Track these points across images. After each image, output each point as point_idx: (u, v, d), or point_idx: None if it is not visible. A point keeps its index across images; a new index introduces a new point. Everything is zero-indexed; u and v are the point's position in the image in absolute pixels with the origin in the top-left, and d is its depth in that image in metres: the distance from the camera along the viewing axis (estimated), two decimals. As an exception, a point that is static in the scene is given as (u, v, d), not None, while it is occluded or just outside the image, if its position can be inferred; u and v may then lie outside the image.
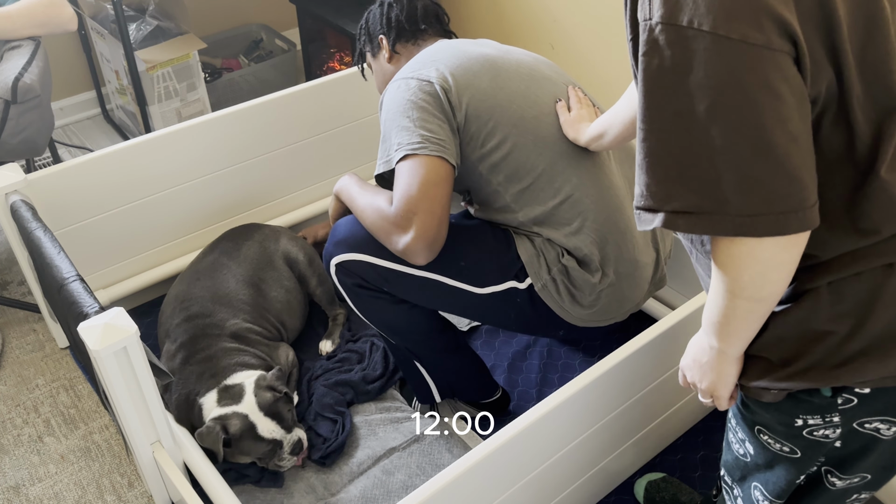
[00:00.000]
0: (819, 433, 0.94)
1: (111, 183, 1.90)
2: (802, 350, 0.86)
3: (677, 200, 0.77)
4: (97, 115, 3.05)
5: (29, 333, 2.10)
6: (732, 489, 1.12)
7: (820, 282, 0.84)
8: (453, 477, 1.18)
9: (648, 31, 0.76)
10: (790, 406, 0.93)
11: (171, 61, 2.59)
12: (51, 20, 1.95)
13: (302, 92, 2.13)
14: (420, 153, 1.32)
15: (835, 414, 0.91)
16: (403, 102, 1.38)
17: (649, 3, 0.76)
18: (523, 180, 1.40)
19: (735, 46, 0.72)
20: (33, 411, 1.89)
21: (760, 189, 0.74)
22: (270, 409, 1.61)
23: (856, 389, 0.88)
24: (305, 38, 3.05)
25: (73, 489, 1.71)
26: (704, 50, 0.72)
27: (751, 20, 0.72)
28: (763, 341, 0.89)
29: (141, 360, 1.31)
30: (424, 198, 1.31)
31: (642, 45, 0.77)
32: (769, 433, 0.98)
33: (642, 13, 0.77)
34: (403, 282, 1.46)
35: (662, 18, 0.74)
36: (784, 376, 0.88)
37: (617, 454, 1.57)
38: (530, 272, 1.41)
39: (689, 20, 0.73)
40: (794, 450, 0.97)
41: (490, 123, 1.38)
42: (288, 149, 2.19)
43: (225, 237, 1.98)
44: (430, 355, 1.65)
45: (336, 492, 1.65)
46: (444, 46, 1.48)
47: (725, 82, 0.72)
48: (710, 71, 0.73)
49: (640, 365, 1.41)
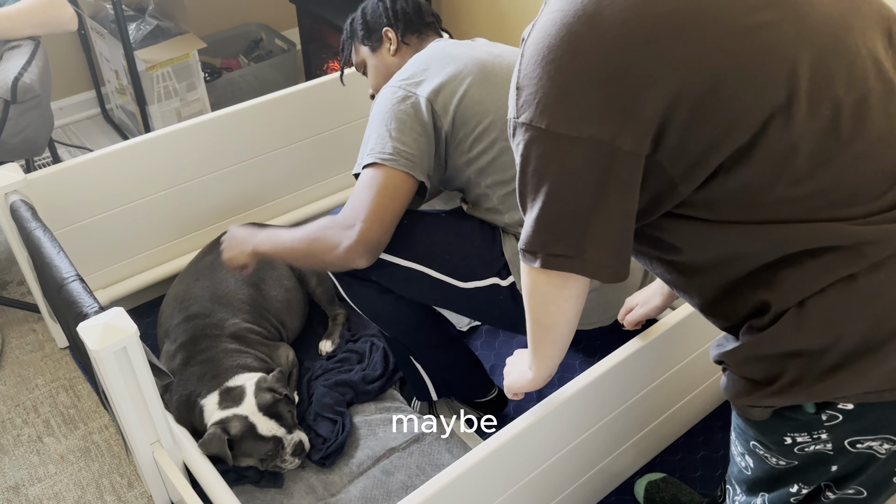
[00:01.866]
0: (811, 449, 0.94)
1: (111, 183, 1.90)
2: (782, 369, 0.89)
3: (552, 248, 0.92)
4: (97, 114, 3.05)
5: (29, 333, 2.10)
6: (736, 496, 1.13)
7: (790, 302, 0.87)
8: (453, 477, 1.18)
9: (514, 127, 0.90)
10: (777, 424, 0.95)
11: (170, 61, 2.59)
12: (51, 20, 1.95)
13: (302, 92, 2.12)
14: (387, 164, 1.37)
15: (822, 431, 0.92)
16: (386, 111, 1.41)
17: (515, 104, 0.89)
18: (510, 184, 1.42)
19: (586, 144, 0.84)
20: (33, 411, 1.89)
21: (607, 246, 0.90)
22: (271, 410, 1.61)
23: (839, 405, 0.89)
24: (305, 38, 3.05)
25: (72, 489, 1.71)
26: (561, 147, 0.86)
27: (600, 122, 0.83)
28: (744, 364, 0.93)
29: (141, 360, 1.31)
30: (377, 207, 1.35)
31: (511, 136, 0.91)
32: (764, 448, 1.00)
33: (512, 111, 0.90)
34: (389, 272, 1.47)
35: (526, 120, 0.87)
36: (768, 394, 0.91)
37: (617, 454, 1.57)
38: (513, 270, 1.43)
39: (547, 124, 0.86)
40: (791, 462, 0.98)
41: (477, 129, 1.40)
42: (288, 149, 2.19)
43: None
44: (423, 350, 1.65)
45: (336, 492, 1.64)
46: (437, 51, 1.48)
47: (579, 172, 0.86)
48: (566, 163, 0.87)
49: (640, 365, 1.41)
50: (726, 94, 0.81)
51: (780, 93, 0.81)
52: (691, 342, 1.49)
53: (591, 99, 0.83)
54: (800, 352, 0.87)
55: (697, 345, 1.52)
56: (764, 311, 0.90)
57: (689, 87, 0.81)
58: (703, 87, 0.81)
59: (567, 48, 0.83)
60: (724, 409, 1.83)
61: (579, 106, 0.84)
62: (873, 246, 0.83)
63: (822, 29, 0.83)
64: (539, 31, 0.87)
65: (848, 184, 0.84)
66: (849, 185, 0.84)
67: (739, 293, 0.92)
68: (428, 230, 1.49)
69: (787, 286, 0.87)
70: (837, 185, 0.84)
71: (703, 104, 0.82)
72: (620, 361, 1.34)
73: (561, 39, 0.84)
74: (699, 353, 1.56)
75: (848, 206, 0.84)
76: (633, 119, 0.83)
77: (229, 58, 3.08)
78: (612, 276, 0.92)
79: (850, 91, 0.83)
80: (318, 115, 2.19)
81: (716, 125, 0.83)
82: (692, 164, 0.86)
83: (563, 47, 0.84)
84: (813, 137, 0.83)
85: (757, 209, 0.86)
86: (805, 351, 0.87)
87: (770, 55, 0.81)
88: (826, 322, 0.85)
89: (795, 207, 0.85)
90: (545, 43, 0.85)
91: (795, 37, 0.82)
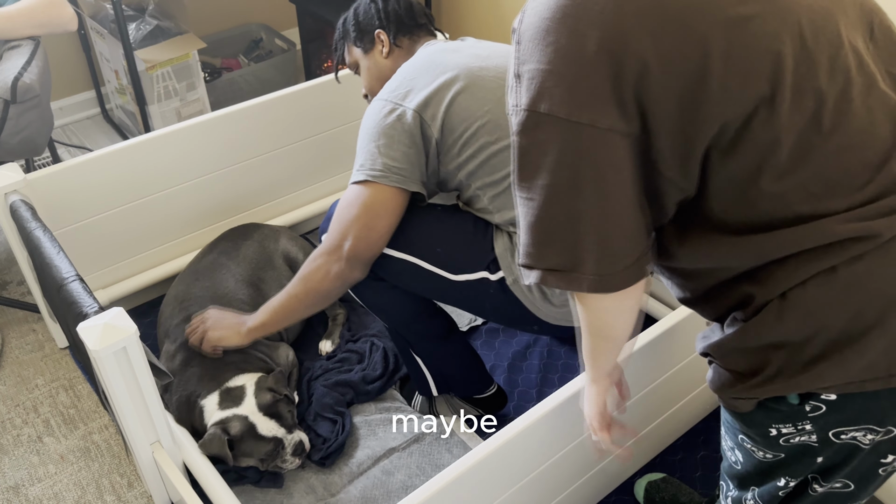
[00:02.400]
0: (796, 440, 0.95)
1: (111, 183, 1.90)
2: (765, 361, 0.90)
3: (547, 260, 0.90)
4: (97, 114, 3.05)
5: (28, 333, 2.10)
6: (728, 492, 1.13)
7: (772, 294, 0.88)
8: (453, 477, 1.18)
9: (513, 115, 0.88)
10: (762, 416, 0.96)
11: (170, 61, 2.59)
12: (51, 20, 1.95)
13: (302, 92, 2.12)
14: (377, 181, 1.40)
15: (805, 422, 0.92)
16: (375, 127, 1.43)
17: (515, 93, 0.87)
18: (499, 185, 1.43)
19: (584, 130, 0.83)
20: (33, 411, 1.89)
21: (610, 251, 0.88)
22: (271, 411, 1.61)
23: (822, 396, 0.89)
24: (305, 38, 3.05)
25: (72, 489, 1.71)
26: (560, 133, 0.84)
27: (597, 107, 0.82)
28: (728, 356, 0.94)
29: (140, 360, 1.31)
30: (363, 226, 1.41)
31: (512, 127, 0.89)
32: (751, 441, 1.01)
33: (512, 100, 0.88)
34: (384, 263, 1.49)
35: (526, 106, 0.86)
36: (752, 385, 0.92)
37: (617, 454, 1.57)
38: (502, 266, 1.45)
39: (547, 108, 0.84)
40: (777, 454, 0.98)
41: (465, 135, 1.42)
42: (288, 149, 2.19)
43: (224, 237, 1.98)
44: (421, 341, 1.66)
45: (336, 492, 1.64)
46: (425, 59, 1.49)
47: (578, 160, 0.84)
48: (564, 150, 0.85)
49: (640, 365, 1.41)
50: (712, 86, 0.82)
51: (765, 85, 0.82)
52: (691, 342, 1.50)
53: (587, 82, 0.83)
54: (782, 343, 0.88)
55: (697, 345, 1.53)
56: (747, 303, 0.91)
57: (675, 77, 0.82)
58: (688, 78, 0.82)
59: (563, 30, 0.83)
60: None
61: (577, 88, 0.83)
62: (855, 242, 0.84)
63: (805, 21, 0.84)
64: (534, 15, 0.87)
65: (829, 176, 0.85)
66: (830, 177, 0.85)
67: (725, 287, 0.93)
68: (423, 224, 1.50)
69: (770, 280, 0.88)
70: (818, 176, 0.84)
71: (690, 94, 0.82)
72: (621, 362, 1.34)
73: (557, 22, 0.84)
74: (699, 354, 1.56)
75: (828, 198, 0.85)
76: (625, 103, 0.83)
77: (229, 58, 3.08)
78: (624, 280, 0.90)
79: (833, 83, 0.84)
80: (318, 115, 2.19)
81: (703, 117, 0.83)
82: (684, 156, 0.86)
83: (560, 29, 0.83)
84: (795, 129, 0.83)
85: (745, 206, 0.87)
86: (787, 342, 0.88)
87: (755, 48, 0.82)
88: (807, 313, 0.86)
89: (779, 203, 0.86)
90: (542, 27, 0.85)
91: (780, 29, 0.82)
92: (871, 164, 0.85)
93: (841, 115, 0.84)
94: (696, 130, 0.84)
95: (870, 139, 0.85)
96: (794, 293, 0.86)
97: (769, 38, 0.82)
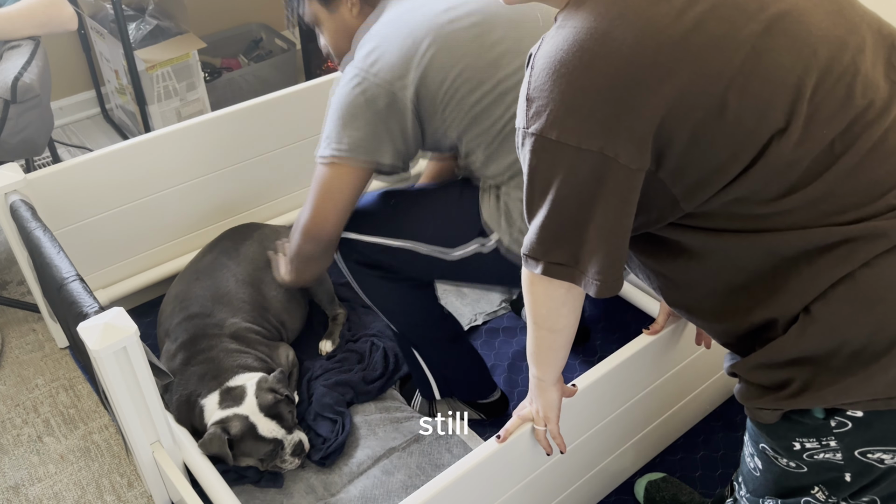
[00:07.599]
0: (819, 457, 0.95)
1: (111, 183, 1.90)
2: (791, 375, 0.91)
3: (553, 256, 0.95)
4: (97, 114, 3.05)
5: (28, 333, 2.09)
6: (741, 492, 1.13)
7: (794, 310, 0.89)
8: (454, 477, 1.18)
9: (523, 137, 0.91)
10: (786, 429, 0.96)
11: (170, 61, 2.59)
12: (51, 20, 1.95)
13: (302, 91, 2.12)
14: (338, 160, 1.39)
15: (830, 438, 0.92)
16: (344, 102, 1.39)
17: (525, 114, 0.90)
18: (488, 133, 1.39)
19: (594, 157, 0.86)
20: (33, 411, 1.89)
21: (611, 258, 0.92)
22: (271, 411, 1.61)
23: (848, 412, 0.89)
24: (305, 38, 3.05)
25: (72, 489, 1.71)
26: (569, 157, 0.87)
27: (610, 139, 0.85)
28: (754, 371, 0.95)
29: (141, 360, 1.31)
30: (318, 204, 1.42)
31: (520, 145, 0.92)
32: (773, 452, 1.01)
33: (521, 121, 0.91)
34: (382, 254, 1.49)
35: (536, 130, 0.88)
36: (778, 398, 0.93)
37: (617, 454, 1.57)
38: (494, 227, 1.43)
39: (557, 136, 0.87)
40: (801, 465, 0.98)
41: (445, 96, 1.37)
42: (288, 148, 2.19)
43: (224, 237, 1.98)
44: (426, 344, 1.66)
45: (336, 492, 1.64)
46: (394, 20, 1.42)
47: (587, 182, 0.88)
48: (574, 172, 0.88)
49: (640, 366, 1.41)
50: (728, 119, 0.84)
51: (780, 118, 0.84)
52: (691, 342, 1.50)
53: (599, 114, 0.85)
54: (807, 358, 0.89)
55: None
56: (770, 324, 0.92)
57: (692, 111, 0.83)
58: (705, 112, 0.83)
59: (578, 63, 0.85)
60: (723, 410, 1.83)
61: (589, 120, 0.85)
62: (862, 242, 0.85)
63: (821, 51, 0.85)
64: (551, 46, 0.88)
65: (839, 194, 0.86)
66: (840, 195, 0.86)
67: (739, 308, 0.95)
68: (409, 208, 1.51)
69: (788, 296, 0.89)
70: (829, 195, 0.86)
71: (706, 127, 0.84)
72: (621, 362, 1.35)
73: (573, 55, 0.85)
74: (699, 354, 1.56)
75: (838, 214, 0.87)
76: (637, 137, 0.84)
77: (229, 57, 3.08)
78: (603, 290, 0.94)
79: (848, 111, 0.85)
80: (318, 115, 2.19)
81: (718, 148, 0.85)
82: (693, 184, 0.88)
83: (575, 63, 0.85)
84: (809, 156, 0.85)
85: (751, 219, 0.89)
86: (812, 357, 0.89)
87: (772, 81, 0.83)
88: (830, 328, 0.87)
89: (787, 218, 0.87)
90: (557, 57, 0.86)
91: (796, 61, 0.84)
92: (882, 182, 0.87)
93: (854, 139, 0.85)
94: (712, 162, 0.86)
95: (884, 159, 0.87)
96: (818, 307, 0.87)
97: (786, 71, 0.84)
